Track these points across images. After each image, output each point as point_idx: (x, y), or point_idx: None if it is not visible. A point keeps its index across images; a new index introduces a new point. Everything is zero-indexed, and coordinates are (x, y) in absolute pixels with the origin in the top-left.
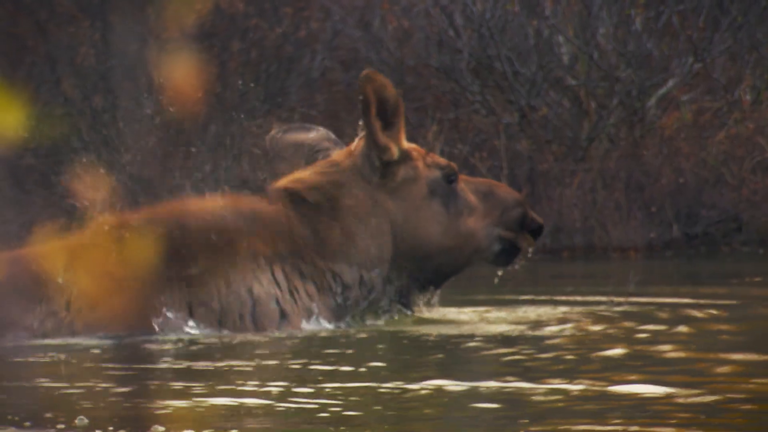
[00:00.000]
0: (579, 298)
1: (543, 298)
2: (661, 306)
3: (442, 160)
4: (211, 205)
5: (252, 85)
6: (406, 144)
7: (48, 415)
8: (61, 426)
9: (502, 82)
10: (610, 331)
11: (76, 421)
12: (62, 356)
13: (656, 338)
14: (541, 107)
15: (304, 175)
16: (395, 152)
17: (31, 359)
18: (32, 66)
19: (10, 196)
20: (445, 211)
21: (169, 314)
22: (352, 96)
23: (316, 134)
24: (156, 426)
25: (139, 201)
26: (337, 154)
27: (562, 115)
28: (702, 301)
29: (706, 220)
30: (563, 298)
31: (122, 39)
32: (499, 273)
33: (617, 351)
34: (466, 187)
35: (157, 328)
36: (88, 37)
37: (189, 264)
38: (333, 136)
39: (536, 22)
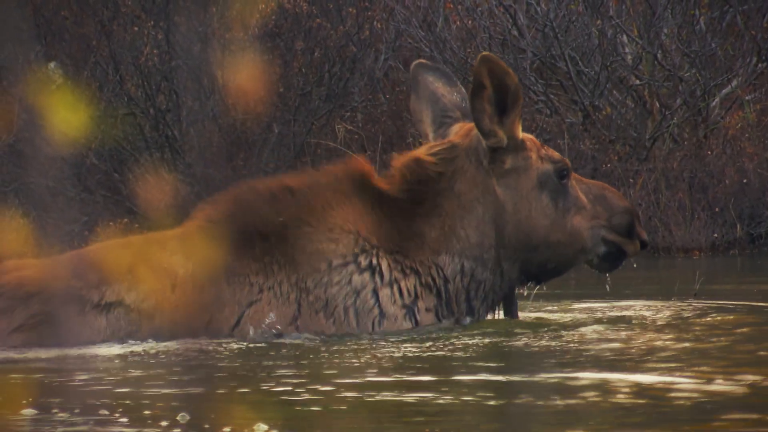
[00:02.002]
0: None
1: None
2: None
3: (556, 155)
4: (314, 180)
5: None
6: (521, 134)
7: (147, 412)
8: (164, 423)
9: (566, 81)
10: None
11: (179, 417)
12: (152, 353)
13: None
14: (604, 107)
15: (421, 155)
16: (503, 139)
17: (128, 357)
18: (96, 66)
19: (73, 196)
20: (553, 205)
21: (276, 302)
22: None
23: (454, 97)
24: (259, 424)
25: (202, 201)
26: (456, 135)
27: (626, 114)
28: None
29: None
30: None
31: (186, 39)
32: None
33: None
34: (577, 185)
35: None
36: (152, 37)
37: (289, 247)
38: (465, 104)
39: (600, 22)
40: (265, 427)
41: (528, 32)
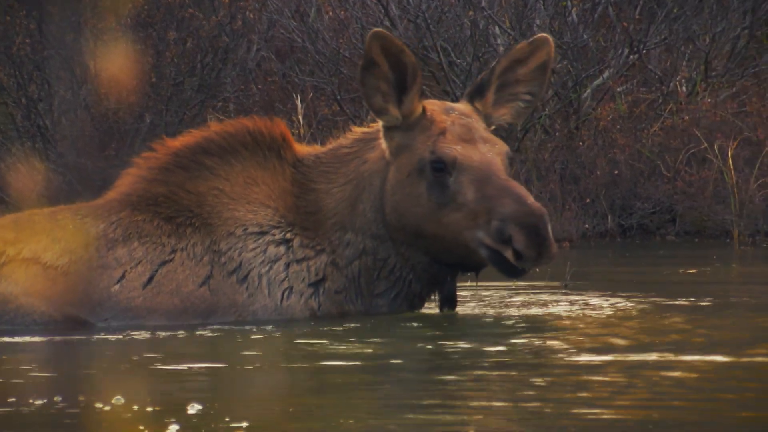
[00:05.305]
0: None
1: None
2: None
3: (440, 149)
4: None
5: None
6: (419, 112)
7: (81, 397)
8: (99, 405)
9: (438, 72)
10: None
11: (113, 400)
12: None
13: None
14: None
15: (350, 136)
16: (398, 117)
17: (50, 342)
18: None
19: None
20: (428, 195)
21: (189, 263)
22: (287, 86)
23: None
24: (193, 403)
25: (74, 190)
26: None
27: None
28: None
29: (640, 211)
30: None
31: (58, 28)
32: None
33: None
34: (470, 182)
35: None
36: (24, 27)
37: (205, 213)
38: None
39: (472, 13)
40: (199, 406)
41: (400, 23)
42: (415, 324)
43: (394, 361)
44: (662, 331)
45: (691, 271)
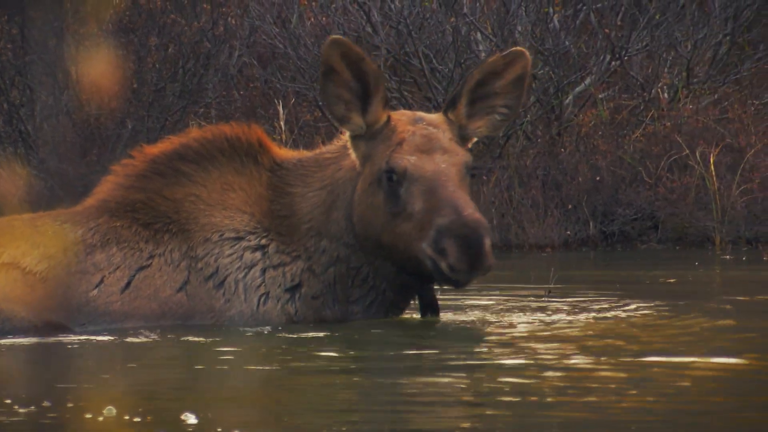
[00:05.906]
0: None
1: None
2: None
3: (393, 159)
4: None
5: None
6: (383, 121)
7: (70, 404)
8: (89, 416)
9: (420, 79)
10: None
11: (105, 411)
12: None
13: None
14: None
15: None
16: (361, 126)
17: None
18: None
19: None
20: (385, 205)
21: (167, 268)
22: (269, 92)
23: None
24: (186, 413)
25: (56, 196)
26: None
27: None
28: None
29: (622, 218)
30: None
31: (40, 33)
32: None
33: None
34: (420, 193)
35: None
36: (6, 32)
37: (182, 219)
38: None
39: (454, 19)
40: (194, 417)
41: (382, 29)
42: (394, 330)
43: (377, 366)
44: (649, 334)
45: (671, 279)
